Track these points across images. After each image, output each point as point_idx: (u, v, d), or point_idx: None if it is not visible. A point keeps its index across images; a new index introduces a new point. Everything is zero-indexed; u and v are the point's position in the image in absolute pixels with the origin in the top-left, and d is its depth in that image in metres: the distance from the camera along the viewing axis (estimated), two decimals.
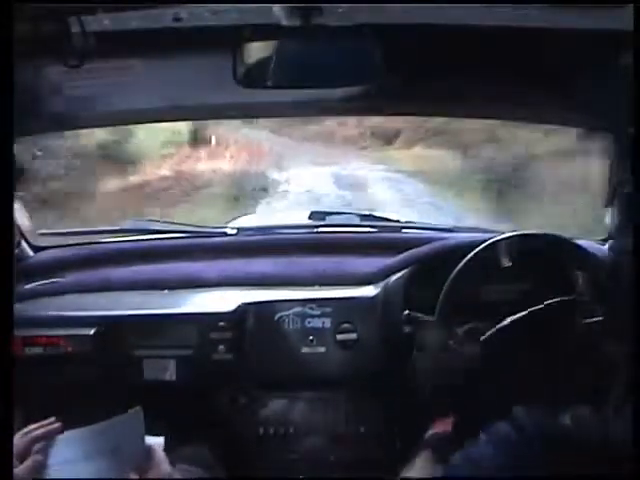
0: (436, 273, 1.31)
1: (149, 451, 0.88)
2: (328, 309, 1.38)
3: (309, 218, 1.75)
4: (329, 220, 1.69)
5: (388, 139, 11.66)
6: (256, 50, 0.98)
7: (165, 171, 8.04)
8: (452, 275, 1.23)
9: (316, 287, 1.45)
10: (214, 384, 1.44)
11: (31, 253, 1.53)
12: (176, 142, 8.82)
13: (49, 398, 1.27)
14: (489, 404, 1.15)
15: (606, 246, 1.44)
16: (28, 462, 0.84)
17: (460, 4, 0.86)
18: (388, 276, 1.43)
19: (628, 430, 0.56)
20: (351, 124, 11.60)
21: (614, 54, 0.90)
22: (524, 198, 5.90)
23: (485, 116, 1.50)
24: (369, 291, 1.42)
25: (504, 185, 6.44)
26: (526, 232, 1.29)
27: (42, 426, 0.89)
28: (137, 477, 0.85)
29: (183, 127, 8.48)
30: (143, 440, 0.89)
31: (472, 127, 7.72)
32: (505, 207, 5.91)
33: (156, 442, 0.92)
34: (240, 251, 1.57)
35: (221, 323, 1.34)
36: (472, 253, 1.24)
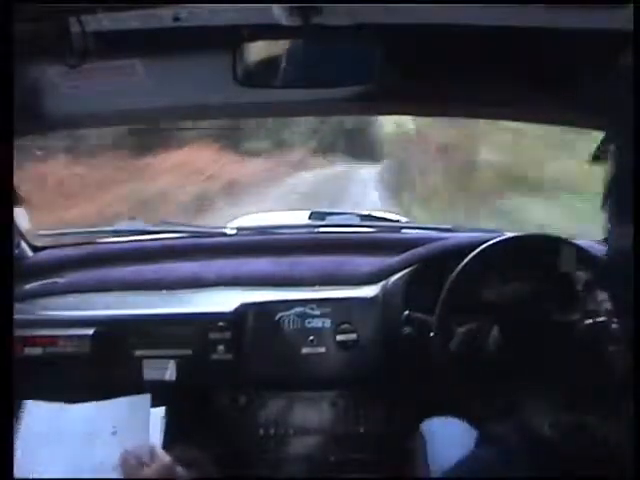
0: (436, 273, 1.31)
1: (151, 451, 0.87)
2: (328, 309, 1.38)
3: (309, 218, 1.75)
4: (329, 220, 1.69)
5: None
6: (256, 50, 0.98)
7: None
8: (452, 275, 1.23)
9: (316, 287, 1.45)
10: (214, 384, 1.44)
11: (30, 253, 1.53)
12: None
13: (49, 398, 1.27)
14: (488, 404, 1.16)
15: (605, 246, 1.44)
16: None
17: (460, 4, 0.86)
18: (388, 276, 1.43)
19: (629, 432, 0.56)
20: None
21: (614, 54, 0.90)
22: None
23: (485, 116, 1.50)
24: (369, 291, 1.42)
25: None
26: (526, 233, 1.29)
27: None
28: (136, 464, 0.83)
29: None
30: (146, 427, 0.88)
31: None
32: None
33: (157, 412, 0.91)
34: (240, 251, 1.57)
35: (221, 323, 1.34)
36: (472, 254, 1.24)
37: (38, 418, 0.89)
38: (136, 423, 0.88)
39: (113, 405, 0.91)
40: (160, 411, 0.94)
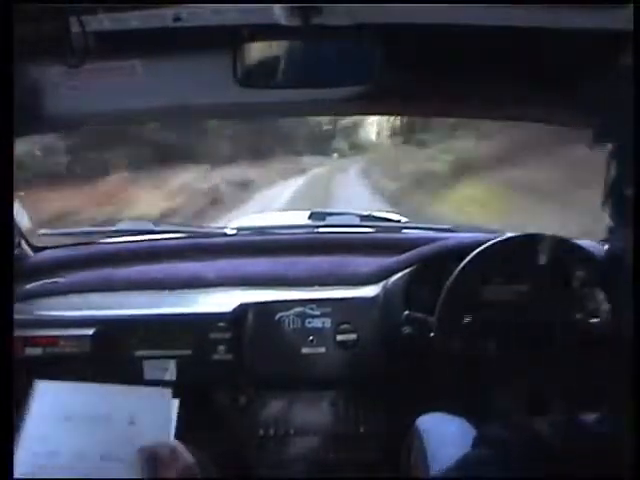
0: (436, 273, 1.31)
1: (173, 449, 0.83)
2: (328, 309, 1.38)
3: (309, 218, 1.75)
4: (329, 220, 1.69)
5: None
6: (256, 50, 0.98)
7: None
8: (452, 275, 1.23)
9: (316, 287, 1.45)
10: (214, 384, 1.44)
11: (31, 253, 1.53)
12: None
13: None
14: (488, 404, 1.16)
15: (605, 246, 1.44)
16: None
17: (460, 4, 0.86)
18: (388, 276, 1.43)
19: (629, 433, 0.56)
20: None
21: (614, 54, 0.90)
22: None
23: (485, 116, 1.50)
24: (369, 291, 1.42)
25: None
26: (526, 233, 1.29)
27: None
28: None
29: None
30: (168, 423, 0.85)
31: None
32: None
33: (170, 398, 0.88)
34: (240, 251, 1.57)
35: (221, 323, 1.34)
36: (472, 254, 1.24)
37: (49, 397, 0.86)
38: (156, 417, 0.85)
39: (133, 393, 0.88)
40: (174, 403, 0.91)
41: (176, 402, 0.89)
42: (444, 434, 1.19)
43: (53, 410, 0.83)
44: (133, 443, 0.79)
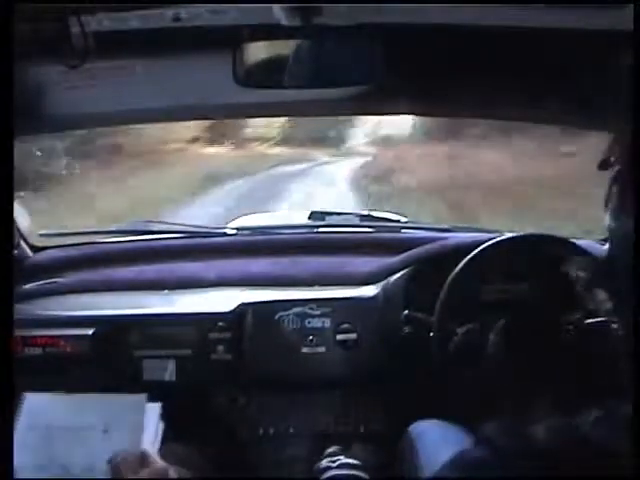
0: (436, 273, 1.31)
1: (143, 454, 0.82)
2: (328, 309, 1.38)
3: (309, 218, 1.75)
4: (329, 220, 1.69)
5: None
6: (256, 50, 0.98)
7: None
8: (452, 275, 1.23)
9: (316, 287, 1.45)
10: (213, 384, 1.44)
11: (31, 253, 1.53)
12: None
13: None
14: (489, 404, 1.16)
15: (606, 246, 1.44)
16: None
17: (460, 4, 0.86)
18: (388, 276, 1.43)
19: (629, 434, 0.56)
20: None
21: (614, 54, 0.90)
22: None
23: (485, 116, 1.51)
24: (369, 291, 1.42)
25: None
26: (526, 233, 1.29)
27: None
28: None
29: None
30: (140, 429, 0.84)
31: None
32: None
33: (153, 406, 0.87)
34: (240, 251, 1.57)
35: (220, 323, 1.34)
36: (472, 254, 1.24)
37: (28, 408, 0.86)
38: (129, 424, 0.85)
39: (106, 401, 0.87)
40: (156, 407, 0.91)
41: (155, 407, 0.88)
42: (438, 438, 1.19)
43: (33, 422, 0.83)
44: (108, 452, 0.78)
